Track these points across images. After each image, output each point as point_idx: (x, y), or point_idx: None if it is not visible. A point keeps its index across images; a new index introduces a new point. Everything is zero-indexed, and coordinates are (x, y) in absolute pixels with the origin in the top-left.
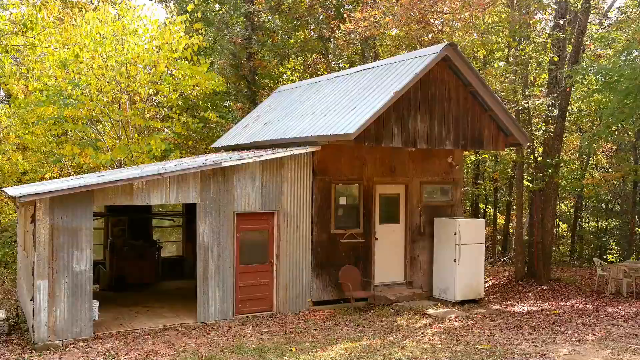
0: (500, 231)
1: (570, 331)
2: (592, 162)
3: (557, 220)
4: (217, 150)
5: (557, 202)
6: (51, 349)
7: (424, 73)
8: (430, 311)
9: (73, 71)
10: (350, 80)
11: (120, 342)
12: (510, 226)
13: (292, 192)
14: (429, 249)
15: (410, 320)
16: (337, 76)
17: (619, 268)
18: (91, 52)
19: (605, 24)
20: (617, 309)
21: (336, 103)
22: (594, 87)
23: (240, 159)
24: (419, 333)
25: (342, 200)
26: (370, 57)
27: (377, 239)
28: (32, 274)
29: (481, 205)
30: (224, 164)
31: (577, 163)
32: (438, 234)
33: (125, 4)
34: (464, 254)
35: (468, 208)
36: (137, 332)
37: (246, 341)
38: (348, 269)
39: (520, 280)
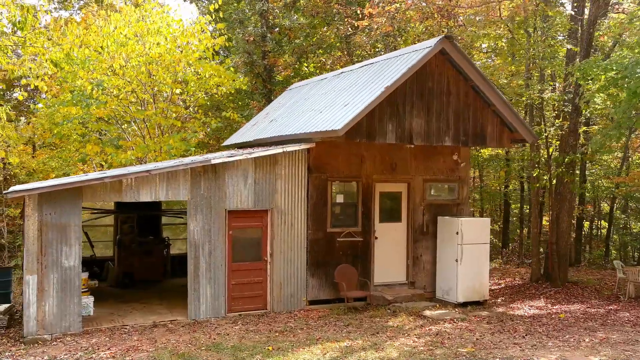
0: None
1: (567, 336)
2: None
3: (582, 220)
4: (227, 148)
5: (576, 201)
6: (39, 342)
7: (418, 67)
8: (426, 313)
9: (95, 71)
10: (353, 76)
11: (107, 337)
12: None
13: (286, 190)
14: (432, 248)
15: (403, 322)
16: (342, 72)
17: (639, 270)
18: (113, 52)
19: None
20: (628, 314)
21: (334, 99)
22: (602, 84)
23: (231, 156)
24: (406, 335)
25: (340, 198)
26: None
27: (376, 237)
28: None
29: (513, 206)
30: (214, 161)
31: (612, 161)
32: (441, 233)
33: (149, 4)
34: (466, 254)
35: (498, 207)
36: (126, 328)
37: (228, 339)
38: (344, 268)
39: (535, 282)
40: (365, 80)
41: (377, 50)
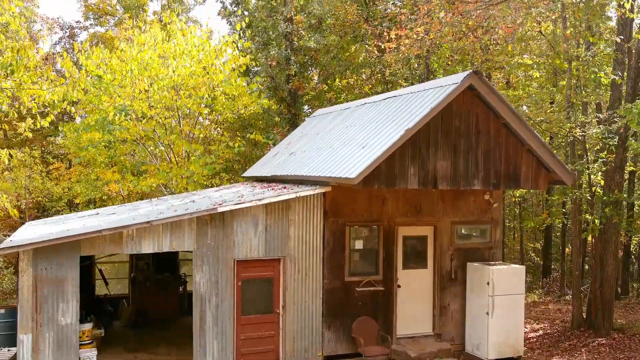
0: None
1: None
2: None
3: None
4: (247, 179)
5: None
6: None
7: (443, 106)
8: None
9: (119, 96)
10: (374, 109)
11: None
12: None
13: (300, 236)
14: (461, 296)
15: None
16: (365, 103)
17: None
18: (136, 76)
19: None
20: None
21: (353, 137)
22: None
23: (239, 203)
24: None
25: (358, 244)
26: (422, 75)
27: (399, 286)
28: (16, 328)
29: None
30: (221, 209)
31: None
32: (470, 282)
33: (175, 25)
34: (498, 306)
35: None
36: None
37: None
38: (363, 320)
39: (577, 328)
40: (387, 117)
41: (410, 69)
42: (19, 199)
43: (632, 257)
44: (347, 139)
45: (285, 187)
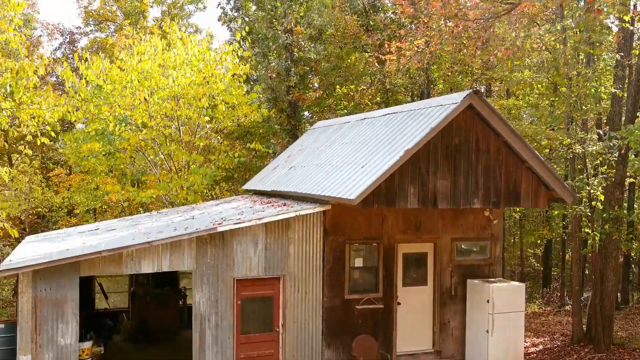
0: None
1: None
2: None
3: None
4: (247, 192)
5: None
6: None
7: (442, 126)
8: None
9: (119, 106)
10: (374, 125)
11: None
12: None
13: (300, 254)
14: (461, 313)
15: None
16: (365, 118)
17: None
18: (136, 86)
19: None
20: None
21: (353, 155)
22: None
23: (238, 222)
24: None
25: (358, 262)
26: (422, 85)
27: (399, 303)
28: (15, 342)
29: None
30: (221, 229)
31: None
32: (470, 298)
33: (175, 34)
34: (498, 323)
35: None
36: None
37: None
38: (363, 339)
39: (577, 344)
40: (386, 135)
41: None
42: (20, 212)
43: (632, 266)
44: (347, 157)
45: (285, 204)
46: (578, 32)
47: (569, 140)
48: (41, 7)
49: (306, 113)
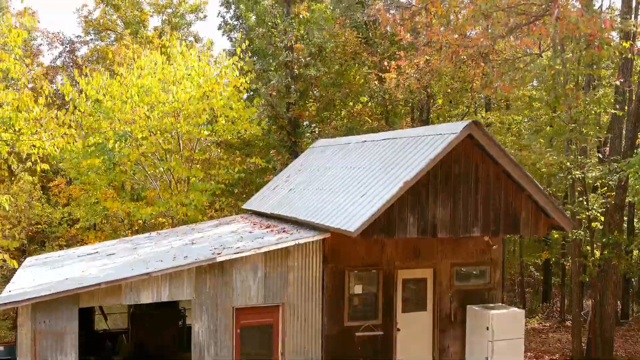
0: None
1: None
2: None
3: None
4: (246, 212)
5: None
6: None
7: (440, 157)
8: None
9: (119, 120)
10: (374, 149)
11: None
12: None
13: (299, 282)
14: (461, 338)
15: None
16: (365, 141)
17: None
18: (136, 102)
19: None
20: None
21: (352, 182)
22: None
23: (238, 252)
24: None
25: (358, 289)
26: (422, 100)
27: (399, 329)
28: None
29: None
30: (220, 259)
31: None
32: (470, 325)
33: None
34: (497, 351)
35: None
36: None
37: None
38: None
39: None
40: (386, 163)
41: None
42: (19, 228)
43: (632, 280)
44: (346, 182)
45: (284, 230)
46: (578, 67)
47: (568, 164)
48: (41, 17)
49: (306, 122)
